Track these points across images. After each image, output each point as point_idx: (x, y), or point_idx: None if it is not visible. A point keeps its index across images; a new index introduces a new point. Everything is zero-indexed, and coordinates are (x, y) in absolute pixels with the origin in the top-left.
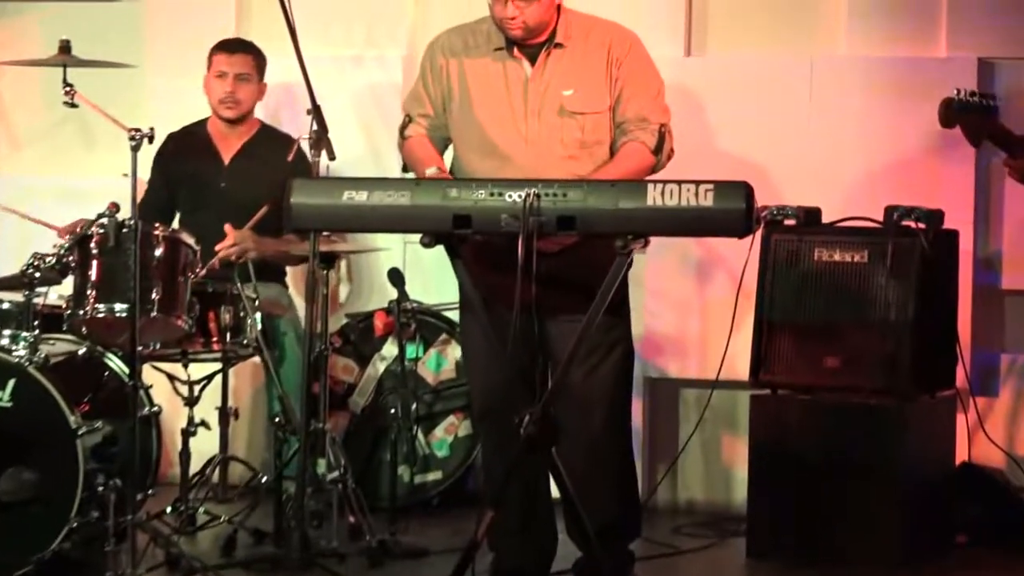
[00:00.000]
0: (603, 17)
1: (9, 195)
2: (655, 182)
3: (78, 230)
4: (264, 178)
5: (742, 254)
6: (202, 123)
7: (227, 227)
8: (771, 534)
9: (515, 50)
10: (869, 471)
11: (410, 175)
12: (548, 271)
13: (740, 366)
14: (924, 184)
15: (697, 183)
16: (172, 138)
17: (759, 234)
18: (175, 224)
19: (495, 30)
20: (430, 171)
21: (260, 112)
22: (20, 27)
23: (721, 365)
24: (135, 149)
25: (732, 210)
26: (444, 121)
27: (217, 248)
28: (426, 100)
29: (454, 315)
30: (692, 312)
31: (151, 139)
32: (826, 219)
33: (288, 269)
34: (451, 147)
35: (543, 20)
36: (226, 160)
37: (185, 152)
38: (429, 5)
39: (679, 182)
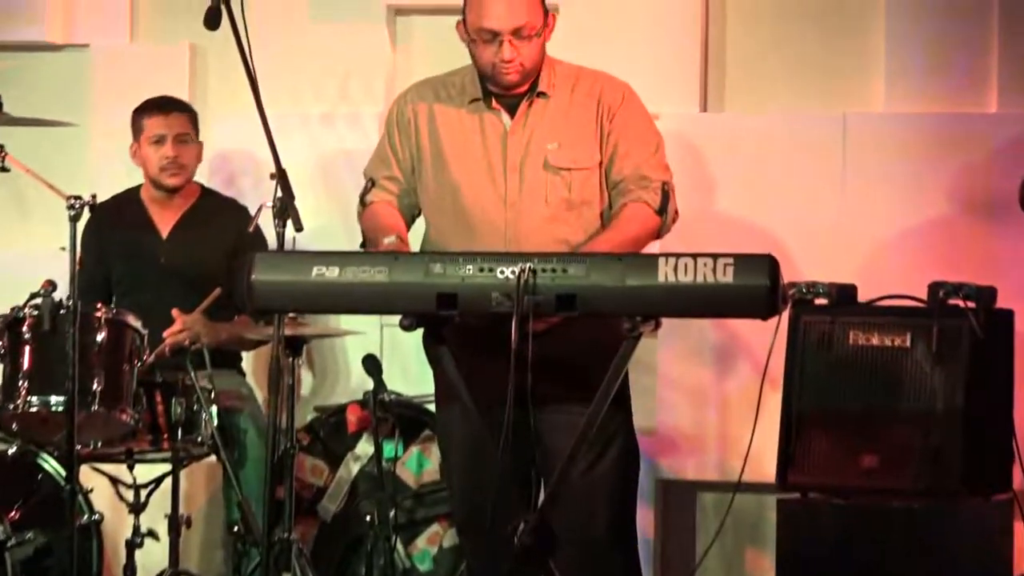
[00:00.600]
0: (605, 70)
1: None
2: (668, 256)
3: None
4: (210, 251)
5: (767, 338)
6: (134, 191)
7: (175, 312)
8: None
9: (492, 101)
10: None
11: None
12: (536, 354)
13: (766, 466)
14: (974, 257)
15: (715, 256)
16: (101, 209)
17: (786, 315)
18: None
19: (470, 80)
20: (388, 240)
21: (217, 176)
22: None
23: (744, 465)
24: (74, 219)
25: (755, 287)
26: (413, 186)
27: (165, 335)
28: (393, 161)
29: None
30: (711, 404)
31: (93, 208)
32: (862, 297)
33: (245, 355)
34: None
35: (537, 63)
36: (164, 233)
37: (117, 225)
38: (409, 55)
39: (694, 255)
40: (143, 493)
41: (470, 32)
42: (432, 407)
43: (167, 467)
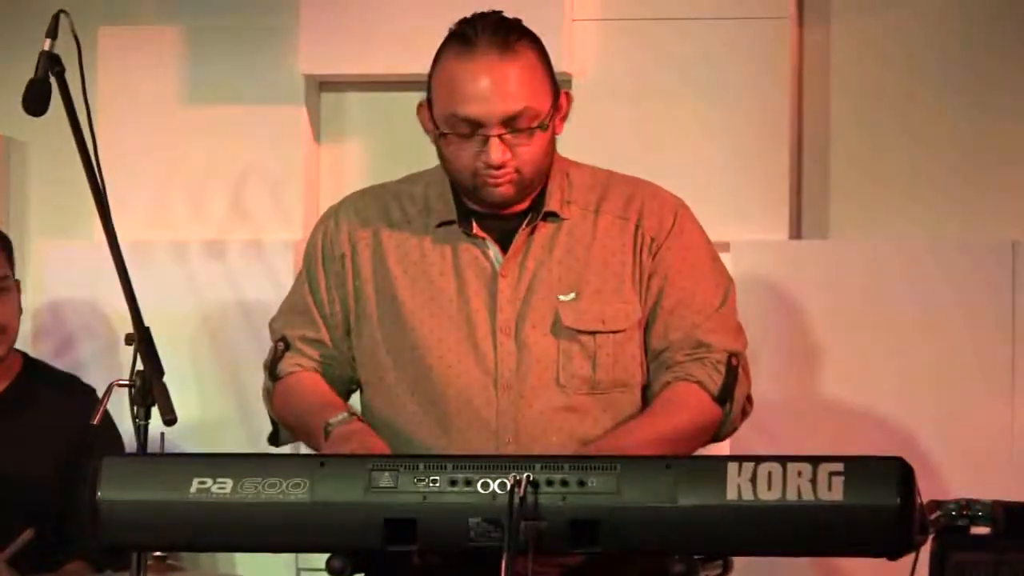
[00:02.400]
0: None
1: None
2: (742, 460)
3: None
4: (34, 452)
5: None
6: None
7: None
8: None
9: (474, 225)
10: None
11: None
12: None
13: None
14: None
15: (814, 460)
16: None
17: (926, 549)
18: None
19: (437, 193)
20: (335, 419)
21: (47, 339)
22: None
23: None
24: None
25: (878, 509)
26: (345, 351)
27: None
28: (316, 317)
29: None
30: None
31: None
32: None
33: None
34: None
35: (543, 168)
36: None
37: None
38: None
39: (782, 459)
40: None
41: (438, 122)
42: None
43: None
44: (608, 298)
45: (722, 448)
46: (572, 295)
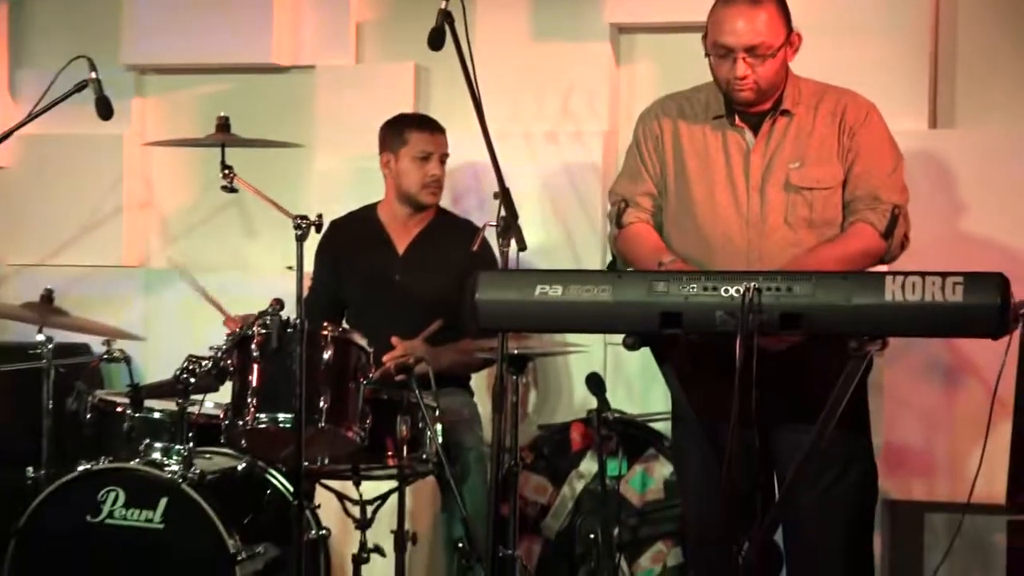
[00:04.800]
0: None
1: (160, 291)
2: (895, 274)
3: (240, 328)
4: (442, 271)
5: (997, 357)
6: (371, 208)
7: (395, 340)
8: None
9: (736, 119)
10: None
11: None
12: (773, 374)
13: (995, 487)
14: None
15: (943, 275)
16: (337, 226)
17: (1017, 334)
18: (344, 324)
19: (713, 97)
20: (668, 260)
21: (442, 195)
22: (173, 103)
23: (973, 486)
24: (301, 239)
25: (985, 306)
26: (664, 202)
27: (385, 360)
28: (647, 177)
29: (662, 426)
30: (939, 424)
31: (319, 227)
32: None
33: (472, 375)
34: None
35: (774, 82)
36: (400, 250)
37: (354, 242)
38: (633, 75)
39: (923, 274)
40: (369, 509)
41: (708, 46)
42: (655, 426)
43: (392, 484)
44: (821, 166)
45: (882, 268)
46: (798, 164)
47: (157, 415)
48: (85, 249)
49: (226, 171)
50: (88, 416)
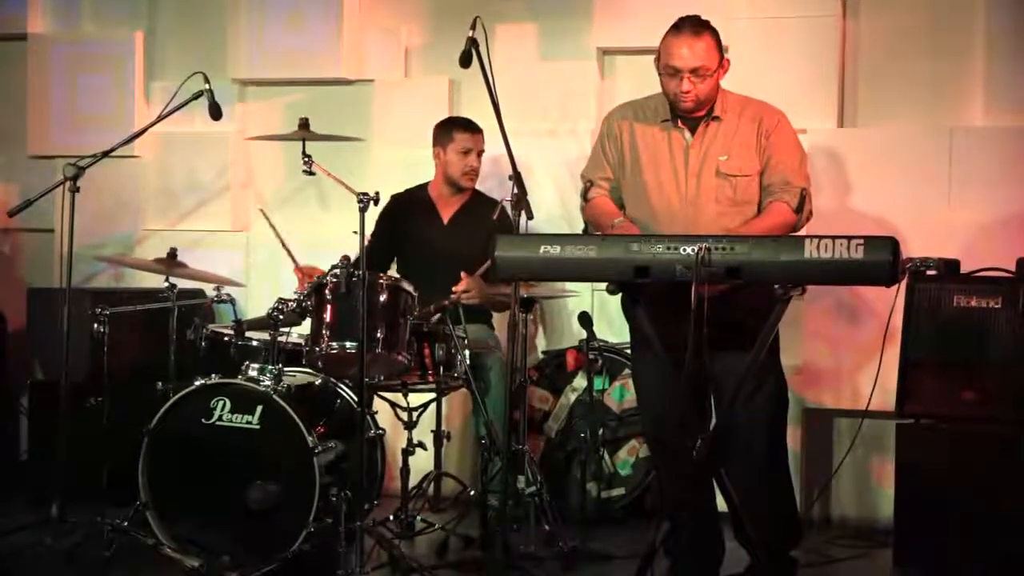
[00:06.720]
0: (759, 98)
1: (257, 249)
2: (812, 237)
3: (313, 278)
4: (477, 236)
5: (889, 301)
6: (423, 187)
7: (463, 274)
8: (916, 545)
9: (679, 122)
10: (1001, 492)
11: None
12: (711, 314)
13: (887, 398)
14: None
15: (849, 238)
16: (397, 199)
17: (904, 283)
18: (392, 272)
19: (661, 105)
20: (617, 221)
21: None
22: (267, 107)
23: (870, 398)
24: (363, 210)
25: (880, 262)
26: (619, 184)
27: (455, 289)
28: (605, 164)
29: None
30: (845, 351)
31: (376, 201)
32: (964, 269)
33: (494, 314)
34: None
35: (710, 95)
36: (445, 220)
37: (409, 212)
38: (614, 87)
39: (833, 237)
40: (414, 414)
41: (660, 67)
42: (630, 352)
43: (432, 395)
44: (743, 159)
45: (802, 233)
46: (726, 157)
47: (255, 343)
48: (201, 218)
49: (306, 159)
50: (203, 343)
